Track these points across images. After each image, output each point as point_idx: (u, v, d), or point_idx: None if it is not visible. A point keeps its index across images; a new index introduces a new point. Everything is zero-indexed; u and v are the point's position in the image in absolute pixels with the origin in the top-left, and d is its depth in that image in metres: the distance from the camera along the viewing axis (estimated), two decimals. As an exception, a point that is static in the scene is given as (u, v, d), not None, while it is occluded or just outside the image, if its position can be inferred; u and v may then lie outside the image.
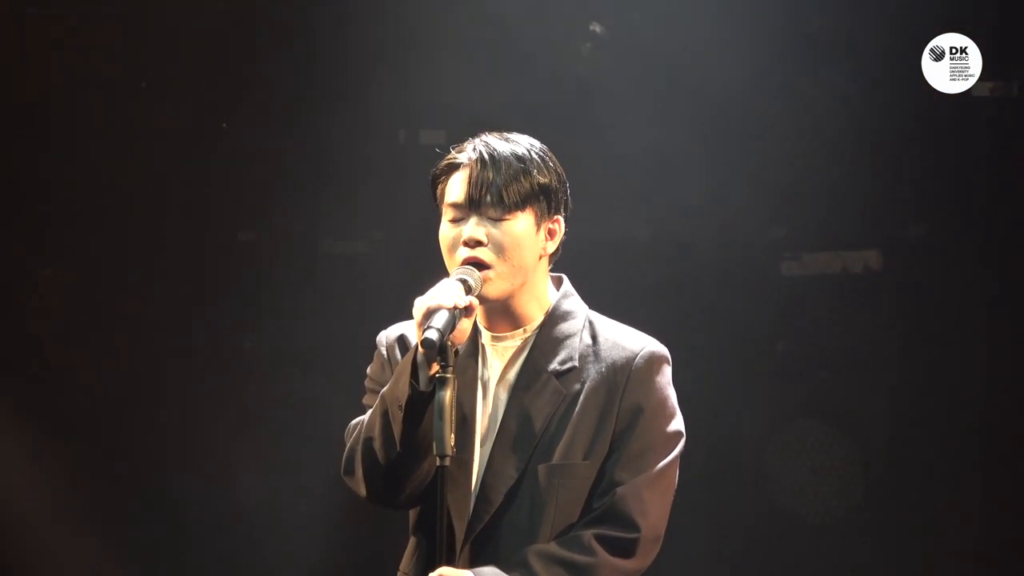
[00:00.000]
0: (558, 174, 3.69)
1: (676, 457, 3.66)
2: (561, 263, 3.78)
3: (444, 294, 3.47)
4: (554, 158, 3.71)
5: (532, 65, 6.93)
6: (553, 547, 3.57)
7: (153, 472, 7.11)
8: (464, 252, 3.59)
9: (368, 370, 3.78)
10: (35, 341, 7.04)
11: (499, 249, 3.60)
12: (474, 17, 6.93)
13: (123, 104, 6.98)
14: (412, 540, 3.70)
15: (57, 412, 7.06)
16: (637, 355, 3.65)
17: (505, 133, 3.72)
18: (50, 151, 6.96)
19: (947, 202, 7.03)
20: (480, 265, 3.59)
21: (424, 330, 3.40)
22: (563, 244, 3.72)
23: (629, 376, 3.63)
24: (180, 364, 7.14)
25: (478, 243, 3.59)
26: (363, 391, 3.81)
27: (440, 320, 3.41)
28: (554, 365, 3.64)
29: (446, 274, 3.63)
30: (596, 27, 7.01)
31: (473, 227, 3.60)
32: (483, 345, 3.68)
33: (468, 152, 3.66)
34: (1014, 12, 6.58)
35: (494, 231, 3.60)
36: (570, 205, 3.73)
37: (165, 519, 7.09)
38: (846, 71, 6.96)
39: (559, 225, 3.70)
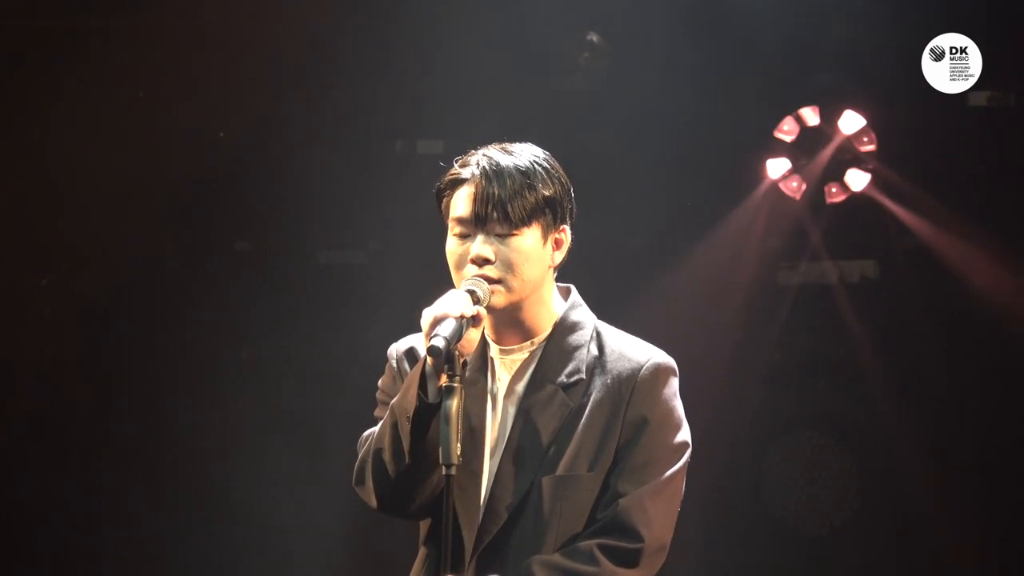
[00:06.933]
0: (562, 183, 3.68)
1: (682, 468, 3.65)
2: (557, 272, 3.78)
3: (451, 304, 3.47)
4: (557, 165, 3.69)
5: (529, 75, 6.94)
6: (557, 558, 3.57)
7: (151, 481, 7.10)
8: (472, 269, 3.58)
9: (379, 383, 3.78)
10: (32, 349, 7.04)
11: (507, 265, 3.59)
12: (471, 28, 6.94)
13: (120, 114, 6.98)
14: (422, 551, 3.70)
15: (56, 419, 7.06)
16: (642, 367, 3.64)
17: (507, 145, 3.70)
18: (47, 161, 6.96)
19: (943, 212, 7.04)
20: (489, 281, 3.58)
21: (431, 338, 3.40)
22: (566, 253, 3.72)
23: (634, 388, 3.62)
24: (178, 374, 7.14)
25: (486, 261, 3.59)
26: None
27: (447, 329, 3.41)
28: (561, 378, 3.64)
29: (447, 282, 3.63)
30: (594, 37, 7.02)
31: (480, 245, 3.59)
32: (492, 358, 3.68)
33: (472, 167, 3.64)
34: (1011, 22, 6.60)
35: (502, 248, 3.59)
36: (575, 212, 3.72)
37: (164, 528, 7.09)
38: (844, 81, 6.98)
39: (565, 234, 3.70)
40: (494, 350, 3.68)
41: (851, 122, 7.12)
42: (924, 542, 7.11)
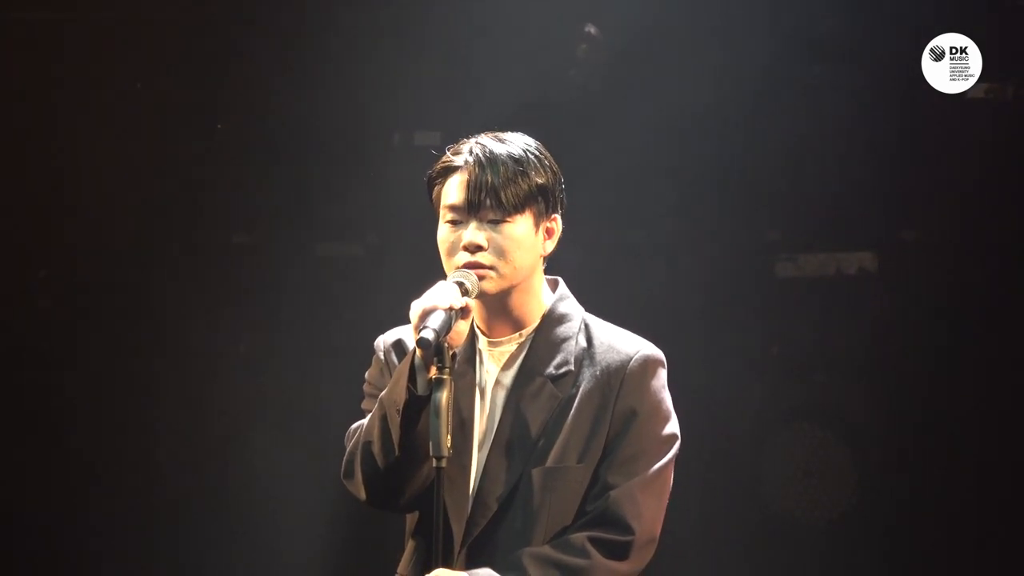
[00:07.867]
0: (554, 172, 3.70)
1: (670, 460, 3.66)
2: (555, 265, 3.78)
3: (440, 296, 3.48)
4: (549, 156, 3.72)
5: (527, 67, 6.93)
6: (547, 549, 3.58)
7: (148, 474, 7.10)
8: (464, 256, 3.61)
9: (366, 375, 3.80)
10: (30, 343, 7.04)
11: (499, 252, 3.61)
12: (469, 19, 6.93)
13: (118, 105, 6.98)
14: (411, 543, 3.71)
15: (51, 413, 7.05)
16: (631, 359, 3.66)
17: (499, 133, 3.73)
18: (44, 153, 6.95)
19: (941, 204, 7.03)
20: (481, 269, 3.60)
21: (420, 330, 3.42)
22: (558, 244, 3.73)
23: (623, 380, 3.64)
24: (175, 367, 7.13)
25: (478, 248, 3.60)
26: (361, 394, 3.82)
27: (436, 321, 3.43)
28: (550, 369, 3.65)
29: (442, 276, 3.64)
30: (591, 29, 7.01)
31: (473, 232, 3.61)
32: (480, 350, 3.70)
33: (464, 155, 3.66)
34: (1009, 15, 6.59)
35: (494, 235, 3.62)
36: (566, 202, 3.74)
37: (162, 521, 7.09)
38: (842, 74, 6.96)
39: (556, 224, 3.72)
40: (482, 342, 3.70)
41: (842, 115, 7.11)
42: (923, 536, 7.10)
